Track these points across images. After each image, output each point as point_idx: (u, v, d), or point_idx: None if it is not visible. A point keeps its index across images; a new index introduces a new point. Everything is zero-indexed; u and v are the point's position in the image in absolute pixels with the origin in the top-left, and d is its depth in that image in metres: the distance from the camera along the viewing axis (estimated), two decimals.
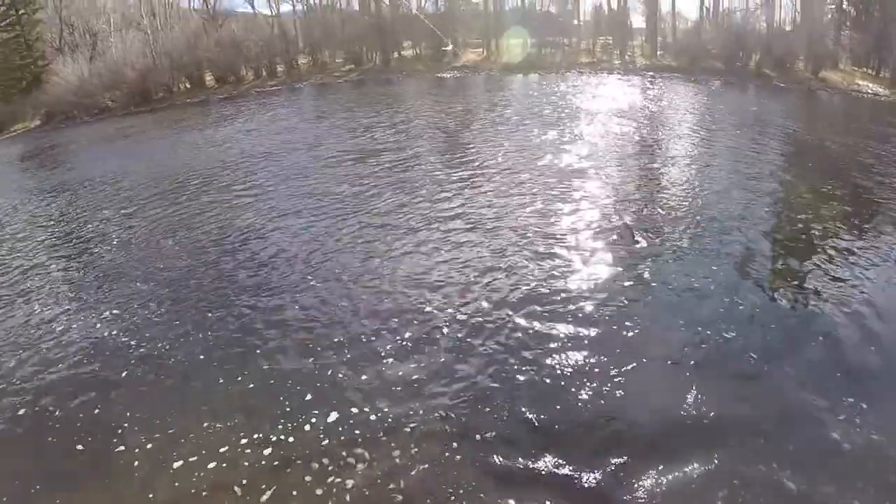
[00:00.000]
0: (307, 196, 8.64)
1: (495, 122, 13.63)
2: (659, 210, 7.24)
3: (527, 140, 11.25)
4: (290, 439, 3.64)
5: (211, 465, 3.47)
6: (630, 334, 4.54)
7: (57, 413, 4.11)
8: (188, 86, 25.88)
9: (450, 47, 11.81)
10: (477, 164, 9.72)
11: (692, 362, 4.19)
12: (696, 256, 5.93)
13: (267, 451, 3.55)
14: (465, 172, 9.20)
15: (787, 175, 8.94)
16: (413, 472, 3.34)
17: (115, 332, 5.14)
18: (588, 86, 19.85)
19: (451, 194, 8.11)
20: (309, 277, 5.89)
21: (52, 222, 9.17)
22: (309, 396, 4.03)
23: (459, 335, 4.64)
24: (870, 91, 19.31)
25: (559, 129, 12.21)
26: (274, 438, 3.65)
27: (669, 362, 4.21)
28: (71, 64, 24.48)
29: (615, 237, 6.37)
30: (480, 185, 8.51)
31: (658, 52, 26.39)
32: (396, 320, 4.92)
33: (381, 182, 9.01)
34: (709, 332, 4.52)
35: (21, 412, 4.18)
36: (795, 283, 5.38)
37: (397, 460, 3.43)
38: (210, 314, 5.31)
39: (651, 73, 22.98)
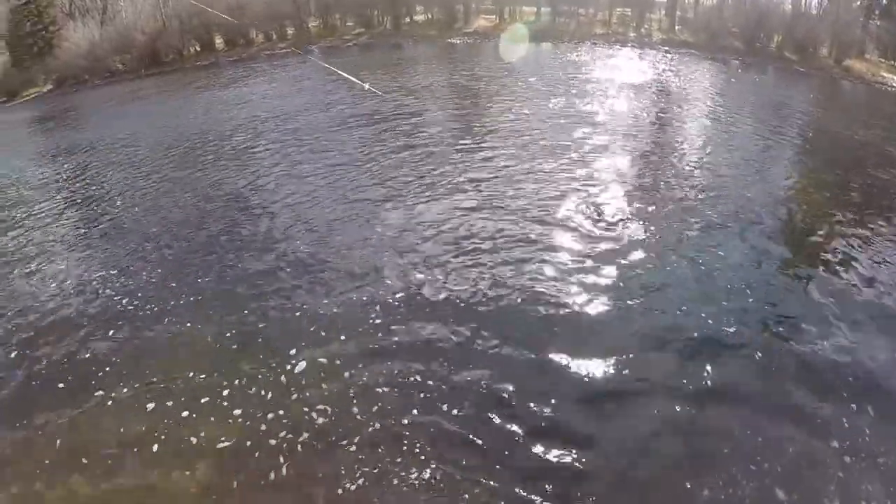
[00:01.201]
0: (312, 157, 8.77)
1: (501, 91, 13.39)
2: (665, 190, 7.15)
3: (531, 111, 11.10)
4: (268, 398, 3.88)
5: (187, 413, 3.77)
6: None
7: (42, 355, 4.47)
8: (198, 49, 25.81)
9: (366, 86, 11.92)
10: (477, 131, 9.69)
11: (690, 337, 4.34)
12: (702, 235, 5.97)
13: (238, 410, 3.80)
14: (468, 140, 9.18)
15: (804, 165, 8.73)
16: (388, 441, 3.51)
17: (109, 290, 5.45)
18: (601, 58, 19.36)
19: (456, 160, 8.17)
20: (300, 242, 6.02)
21: (64, 182, 9.50)
22: (300, 369, 4.11)
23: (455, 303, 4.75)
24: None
25: (565, 100, 12.02)
26: (252, 400, 3.89)
27: (672, 338, 4.34)
28: (81, 29, 24.62)
29: (619, 213, 6.40)
30: (481, 151, 8.54)
31: (676, 27, 25.54)
32: (399, 284, 5.05)
33: (386, 146, 9.07)
34: (705, 315, 4.62)
35: (13, 354, 4.54)
36: (801, 268, 5.44)
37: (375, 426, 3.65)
38: (203, 276, 5.53)
39: (666, 48, 22.29)
